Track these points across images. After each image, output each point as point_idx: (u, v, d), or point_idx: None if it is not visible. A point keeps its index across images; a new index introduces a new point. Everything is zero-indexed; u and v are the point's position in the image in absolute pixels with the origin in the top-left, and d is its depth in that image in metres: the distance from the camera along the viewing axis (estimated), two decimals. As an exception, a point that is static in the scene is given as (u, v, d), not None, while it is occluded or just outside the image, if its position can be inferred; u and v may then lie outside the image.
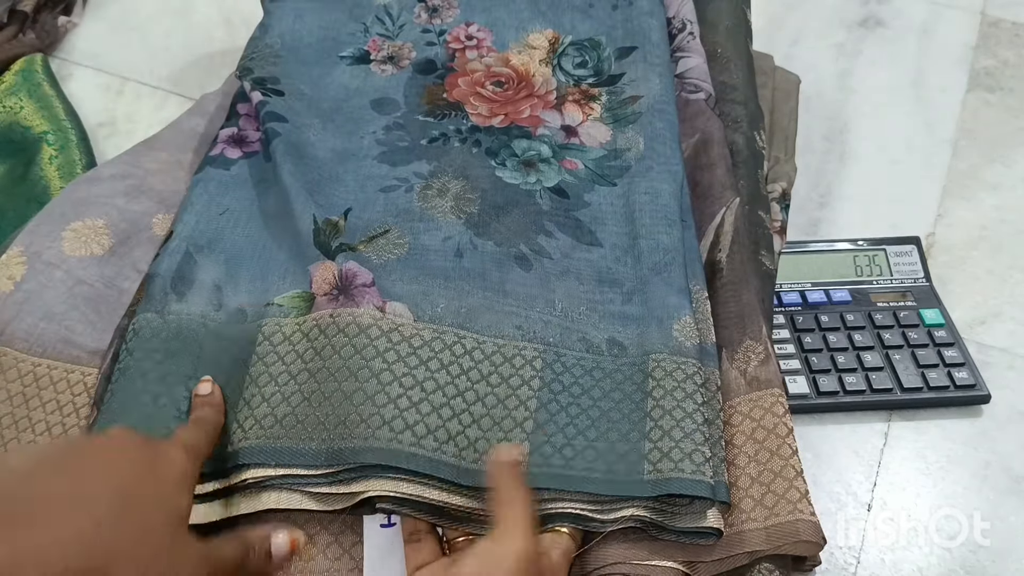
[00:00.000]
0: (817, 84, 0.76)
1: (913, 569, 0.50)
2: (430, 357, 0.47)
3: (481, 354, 0.48)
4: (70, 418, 0.49)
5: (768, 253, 0.58)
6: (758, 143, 0.63)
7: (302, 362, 0.47)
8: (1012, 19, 0.82)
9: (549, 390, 0.48)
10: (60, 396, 0.50)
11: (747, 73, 0.66)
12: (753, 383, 0.50)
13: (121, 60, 0.78)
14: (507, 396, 0.47)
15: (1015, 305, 0.62)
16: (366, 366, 0.46)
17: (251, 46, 0.66)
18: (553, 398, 0.47)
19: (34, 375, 0.50)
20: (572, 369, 0.48)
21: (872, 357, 0.57)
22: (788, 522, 0.45)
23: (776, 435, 0.48)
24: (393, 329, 0.48)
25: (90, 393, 0.50)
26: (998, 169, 0.71)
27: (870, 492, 0.54)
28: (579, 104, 0.62)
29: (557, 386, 0.48)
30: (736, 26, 0.68)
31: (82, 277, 0.55)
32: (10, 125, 0.69)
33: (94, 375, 0.51)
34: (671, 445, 0.45)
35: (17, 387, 0.50)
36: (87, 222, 0.57)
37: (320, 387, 0.46)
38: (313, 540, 0.46)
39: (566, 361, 0.49)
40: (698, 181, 0.59)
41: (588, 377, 0.48)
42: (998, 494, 0.53)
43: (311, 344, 0.48)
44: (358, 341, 0.47)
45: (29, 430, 0.49)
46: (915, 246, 0.64)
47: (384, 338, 0.47)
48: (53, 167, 0.66)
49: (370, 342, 0.47)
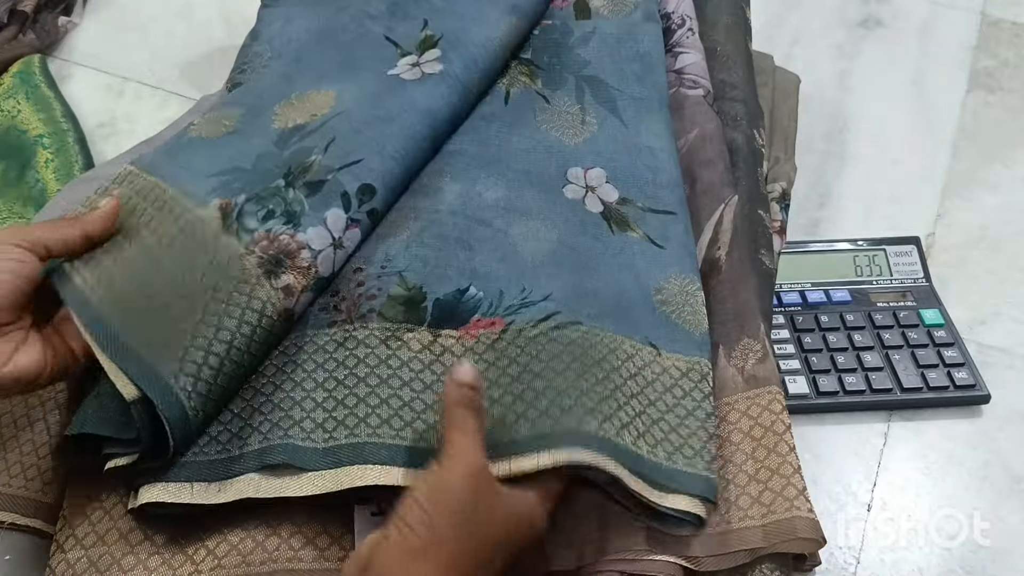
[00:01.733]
0: (817, 84, 0.76)
1: (913, 569, 0.50)
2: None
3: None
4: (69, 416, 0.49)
5: (768, 252, 0.58)
6: (757, 141, 0.63)
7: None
8: (1012, 19, 0.82)
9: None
10: (59, 395, 0.50)
11: (746, 71, 0.66)
12: (751, 381, 0.50)
13: (121, 60, 0.78)
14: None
15: (1015, 305, 0.62)
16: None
17: (242, 55, 0.66)
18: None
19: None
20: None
21: (872, 357, 0.57)
22: (785, 519, 0.45)
23: (773, 432, 0.48)
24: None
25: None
26: (998, 169, 0.71)
27: (870, 492, 0.54)
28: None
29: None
30: (735, 24, 0.68)
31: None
32: (7, 129, 0.69)
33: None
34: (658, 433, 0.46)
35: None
36: None
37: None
38: (302, 530, 0.46)
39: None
40: (696, 178, 0.58)
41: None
42: (998, 494, 0.53)
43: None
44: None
45: (28, 429, 0.49)
46: (915, 246, 0.64)
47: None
48: (49, 170, 0.66)
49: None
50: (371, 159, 0.52)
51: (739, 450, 0.48)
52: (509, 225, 0.54)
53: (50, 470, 0.48)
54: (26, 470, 0.48)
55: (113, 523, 0.46)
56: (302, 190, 0.50)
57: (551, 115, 0.60)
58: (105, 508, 0.46)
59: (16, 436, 0.48)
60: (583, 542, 0.46)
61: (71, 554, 0.45)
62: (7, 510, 0.46)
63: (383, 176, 0.52)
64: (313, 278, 0.48)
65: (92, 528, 0.46)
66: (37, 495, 0.47)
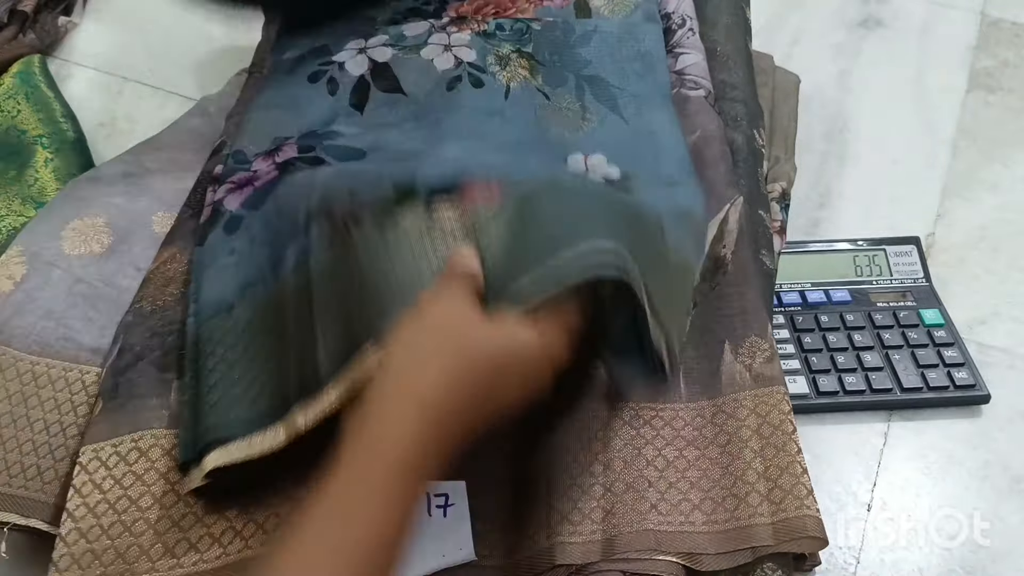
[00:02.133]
0: (817, 84, 0.75)
1: (913, 569, 0.50)
2: None
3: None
4: (68, 416, 0.49)
5: (768, 253, 0.58)
6: (757, 142, 0.63)
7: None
8: (1012, 19, 0.82)
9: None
10: (59, 395, 0.50)
11: (746, 71, 0.66)
12: (759, 379, 0.50)
13: (121, 60, 0.78)
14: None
15: (1015, 305, 0.62)
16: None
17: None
18: None
19: (32, 374, 0.50)
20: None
21: (872, 357, 0.57)
22: (796, 517, 0.45)
23: (782, 431, 0.48)
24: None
25: (89, 392, 0.50)
26: (998, 169, 0.71)
27: (870, 492, 0.54)
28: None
29: None
30: (735, 24, 0.68)
31: (81, 276, 0.55)
32: (7, 129, 0.69)
33: (93, 373, 0.51)
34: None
35: (16, 386, 0.50)
36: (87, 220, 0.57)
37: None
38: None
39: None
40: (700, 179, 0.58)
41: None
42: (998, 494, 0.53)
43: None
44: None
45: (28, 428, 0.49)
46: (915, 246, 0.64)
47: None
48: (48, 170, 0.66)
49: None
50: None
51: (748, 447, 0.48)
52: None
53: (50, 469, 0.48)
54: (26, 470, 0.48)
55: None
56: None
57: (551, 111, 0.60)
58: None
59: (16, 436, 0.48)
60: (588, 540, 0.46)
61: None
62: (7, 510, 0.46)
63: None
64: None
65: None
66: (37, 495, 0.47)
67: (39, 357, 0.51)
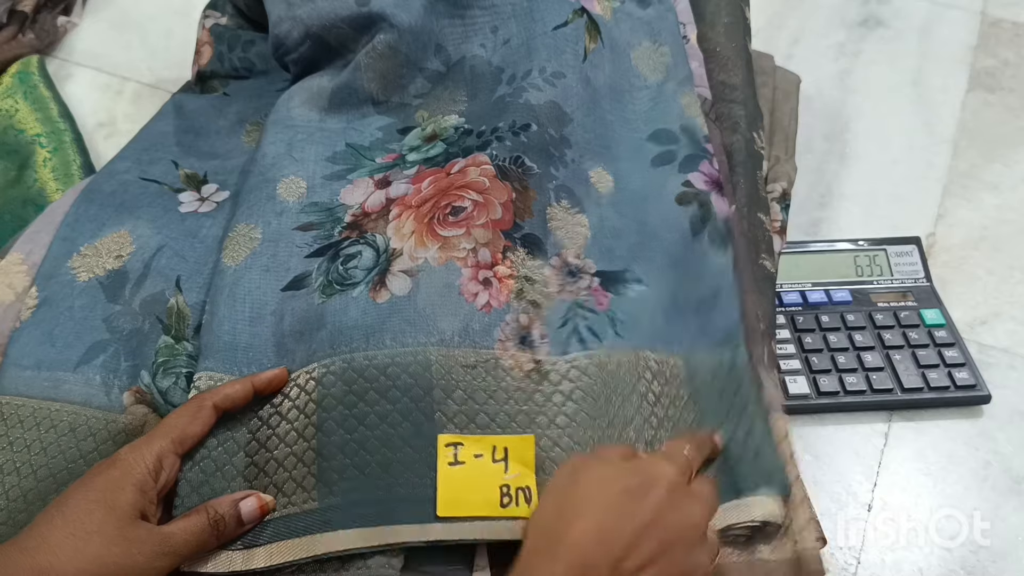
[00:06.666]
0: (817, 84, 0.76)
1: (913, 569, 0.50)
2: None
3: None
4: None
5: (768, 256, 0.58)
6: (757, 144, 0.63)
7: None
8: (1012, 19, 0.82)
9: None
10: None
11: (746, 72, 0.66)
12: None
13: (121, 60, 0.78)
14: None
15: (1015, 305, 0.62)
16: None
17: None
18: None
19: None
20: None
21: (873, 357, 0.57)
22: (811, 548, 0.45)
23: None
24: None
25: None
26: (998, 169, 0.71)
27: (870, 492, 0.54)
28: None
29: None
30: (735, 24, 0.68)
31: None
32: (5, 129, 0.69)
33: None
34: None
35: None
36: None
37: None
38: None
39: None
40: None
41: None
42: (998, 494, 0.53)
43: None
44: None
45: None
46: (915, 246, 0.64)
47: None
48: (47, 169, 0.66)
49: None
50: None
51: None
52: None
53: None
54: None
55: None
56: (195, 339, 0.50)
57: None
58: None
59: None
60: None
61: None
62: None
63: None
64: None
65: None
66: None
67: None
